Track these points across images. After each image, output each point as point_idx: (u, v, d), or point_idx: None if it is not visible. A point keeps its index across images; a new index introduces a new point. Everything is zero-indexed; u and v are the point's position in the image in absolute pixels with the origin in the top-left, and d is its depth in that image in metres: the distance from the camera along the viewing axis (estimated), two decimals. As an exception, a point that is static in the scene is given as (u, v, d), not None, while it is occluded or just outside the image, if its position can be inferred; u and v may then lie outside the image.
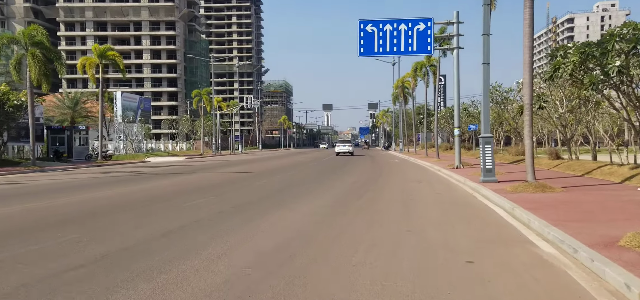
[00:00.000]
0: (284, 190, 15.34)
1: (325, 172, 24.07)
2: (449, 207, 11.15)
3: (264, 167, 28.65)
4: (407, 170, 25.53)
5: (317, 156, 46.15)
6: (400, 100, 60.76)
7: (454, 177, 19.72)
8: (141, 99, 50.83)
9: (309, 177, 21.43)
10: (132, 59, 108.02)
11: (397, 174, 22.47)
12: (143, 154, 47.53)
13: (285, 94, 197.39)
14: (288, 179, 20.25)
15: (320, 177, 21.15)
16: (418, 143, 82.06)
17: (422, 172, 24.15)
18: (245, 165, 30.99)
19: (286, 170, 25.52)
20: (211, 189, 15.97)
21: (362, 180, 19.23)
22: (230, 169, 27.47)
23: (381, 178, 20.17)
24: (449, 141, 53.60)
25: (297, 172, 24.11)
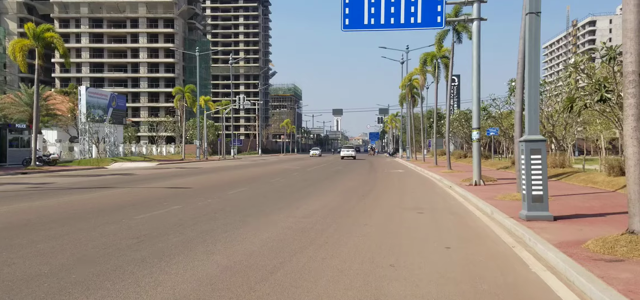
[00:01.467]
0: (184, 229, 8.95)
1: (293, 189, 17.69)
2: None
3: (227, 179, 22.40)
4: (407, 187, 19.02)
5: (306, 165, 39.64)
6: (407, 102, 54.14)
7: (472, 201, 13.19)
8: (113, 96, 44.93)
9: (263, 196, 15.03)
10: (129, 57, 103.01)
11: (391, 194, 16.03)
12: (110, 159, 41.55)
13: (294, 98, 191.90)
14: (231, 199, 13.87)
15: (278, 197, 14.73)
16: (428, 150, 75.28)
17: (428, 190, 17.62)
18: (206, 176, 24.76)
19: (247, 184, 19.19)
20: (83, 219, 9.75)
21: (332, 204, 12.77)
22: (176, 181, 21.19)
23: (365, 201, 13.70)
24: (462, 148, 46.79)
25: (256, 188, 17.69)
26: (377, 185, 19.15)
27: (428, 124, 66.93)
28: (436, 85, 34.14)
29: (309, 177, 23.59)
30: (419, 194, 15.67)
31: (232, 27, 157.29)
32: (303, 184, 19.65)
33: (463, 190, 15.81)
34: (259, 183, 19.72)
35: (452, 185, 18.08)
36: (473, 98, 17.63)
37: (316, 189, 17.33)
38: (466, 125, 38.23)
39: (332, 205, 12.63)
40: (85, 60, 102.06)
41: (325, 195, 15.01)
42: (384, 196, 14.96)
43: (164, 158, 50.04)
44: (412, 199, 14.44)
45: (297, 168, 33.48)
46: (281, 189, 17.18)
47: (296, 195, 14.97)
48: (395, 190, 17.11)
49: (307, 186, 18.19)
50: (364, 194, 15.32)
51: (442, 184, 19.87)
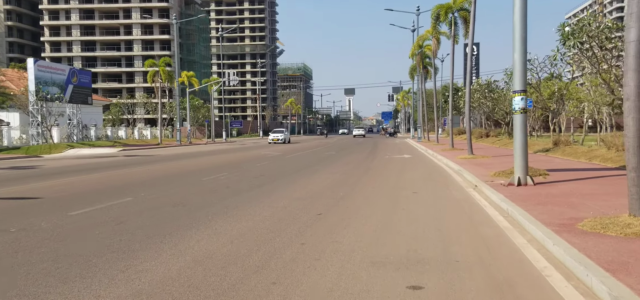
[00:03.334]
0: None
1: (201, 203, 11.07)
2: None
3: (145, 176, 15.94)
4: (405, 186, 12.29)
5: (293, 149, 33.13)
6: (418, 74, 46.89)
7: (537, 236, 6.41)
8: (74, 71, 38.59)
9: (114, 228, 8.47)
10: (122, 35, 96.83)
11: (372, 210, 9.32)
12: (65, 145, 35.40)
13: (304, 77, 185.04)
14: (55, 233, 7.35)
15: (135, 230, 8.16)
16: (443, 129, 67.92)
17: (439, 197, 10.88)
18: (128, 170, 18.37)
19: (147, 189, 12.68)
20: None
21: (248, 245, 6.12)
22: (62, 180, 14.79)
23: (310, 239, 7.01)
24: (483, 126, 39.50)
25: (131, 208, 11.14)
26: (359, 186, 12.38)
27: (443, 100, 59.59)
28: (452, 47, 27.01)
29: (267, 173, 16.94)
30: (422, 208, 8.88)
31: (236, 3, 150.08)
32: (226, 192, 13.01)
33: (501, 196, 9.02)
34: (164, 189, 13.13)
35: (478, 184, 11.30)
36: (515, 42, 10.69)
37: (243, 202, 10.64)
38: (490, 97, 31.18)
39: (247, 247, 5.98)
40: (75, 39, 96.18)
41: (251, 217, 8.34)
42: (357, 216, 8.20)
43: (139, 142, 43.87)
44: (407, 222, 7.65)
45: (275, 155, 26.91)
46: (235, 184, 10.57)
47: (192, 219, 8.33)
48: (383, 197, 10.38)
49: (230, 195, 11.53)
50: (322, 212, 8.56)
51: (461, 180, 13.07)
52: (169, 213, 8.18)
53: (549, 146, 21.77)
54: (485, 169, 14.66)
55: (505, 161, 17.06)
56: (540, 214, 7.09)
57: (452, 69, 26.20)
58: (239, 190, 11.10)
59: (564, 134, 24.78)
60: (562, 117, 34.97)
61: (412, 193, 10.59)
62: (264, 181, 12.92)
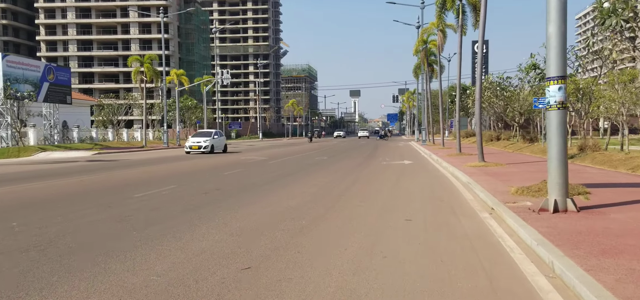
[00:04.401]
0: None
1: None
2: None
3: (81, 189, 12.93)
4: (393, 224, 9.14)
5: (277, 154, 30.12)
6: (423, 73, 43.68)
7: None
8: (49, 68, 35.74)
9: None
10: (119, 34, 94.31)
11: (342, 253, 6.07)
12: (37, 147, 32.64)
13: (309, 78, 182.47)
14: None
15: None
16: (449, 131, 64.58)
17: (442, 231, 7.69)
18: (70, 179, 15.40)
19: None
20: None
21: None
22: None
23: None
24: (492, 128, 36.18)
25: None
26: (336, 207, 9.30)
27: (449, 100, 56.33)
28: (460, 38, 23.79)
29: (227, 185, 13.90)
30: (413, 254, 5.75)
31: (239, 3, 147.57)
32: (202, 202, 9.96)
33: (535, 233, 5.95)
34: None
35: (496, 206, 8.21)
36: (550, 10, 7.50)
37: (149, 239, 7.57)
38: (501, 96, 27.88)
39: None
40: (72, 38, 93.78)
41: (135, 274, 5.26)
42: (308, 273, 5.11)
43: (123, 145, 40.97)
44: (389, 273, 4.56)
45: (257, 160, 23.93)
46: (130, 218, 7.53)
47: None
48: (362, 229, 7.28)
49: (143, 227, 8.47)
50: (255, 264, 5.48)
51: (472, 199, 9.94)
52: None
53: (573, 152, 18.54)
54: (501, 181, 11.51)
55: (526, 171, 13.89)
56: (618, 283, 3.97)
57: (459, 62, 23.02)
58: (165, 215, 8.04)
59: (590, 137, 21.45)
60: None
61: (404, 221, 7.49)
62: (212, 199, 9.86)
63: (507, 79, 27.02)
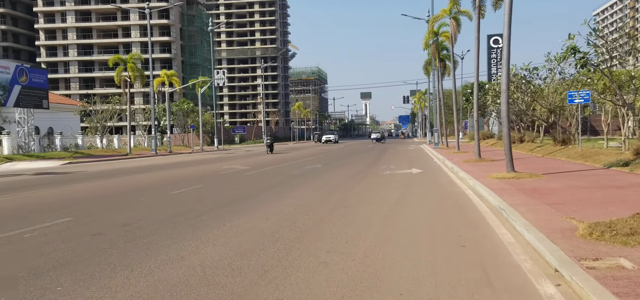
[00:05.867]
0: None
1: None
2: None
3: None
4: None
5: (261, 163, 26.49)
6: (434, 69, 39.74)
7: None
8: (22, 69, 32.51)
9: None
10: (120, 37, 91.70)
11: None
12: (2, 157, 29.49)
13: (319, 81, 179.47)
14: None
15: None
16: (464, 132, 60.38)
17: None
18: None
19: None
20: None
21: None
22: None
23: None
24: (519, 130, 32.01)
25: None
26: (291, 256, 5.53)
27: (464, 98, 52.25)
28: (477, 22, 19.86)
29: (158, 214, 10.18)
30: None
31: (247, 6, 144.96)
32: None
33: None
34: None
35: (568, 270, 4.41)
36: None
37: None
38: (527, 90, 23.76)
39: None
40: (72, 42, 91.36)
41: None
42: None
43: (107, 152, 37.67)
44: None
45: (238, 169, 20.38)
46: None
47: None
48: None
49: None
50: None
51: (515, 244, 6.12)
52: None
53: (628, 157, 14.56)
54: (551, 206, 7.69)
55: (576, 186, 10.03)
56: None
57: (477, 49, 19.06)
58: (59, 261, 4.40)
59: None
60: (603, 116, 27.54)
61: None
62: (91, 250, 6.21)
63: (534, 70, 23.01)
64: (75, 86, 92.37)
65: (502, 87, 13.05)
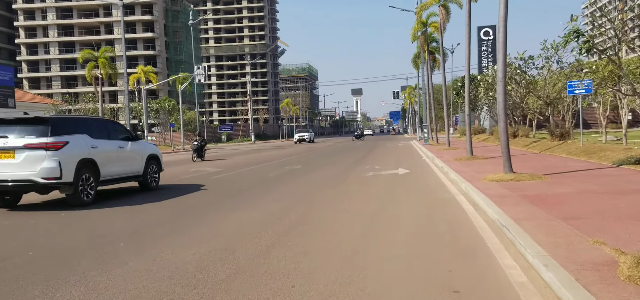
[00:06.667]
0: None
1: None
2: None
3: None
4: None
5: (234, 165, 24.57)
6: (423, 62, 38.07)
7: None
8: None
9: None
10: (102, 34, 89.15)
11: None
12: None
13: (309, 78, 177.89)
14: None
15: None
16: (455, 128, 58.86)
17: None
18: None
19: None
20: None
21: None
22: None
23: None
24: (512, 124, 30.39)
25: None
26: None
27: (454, 92, 50.70)
28: (469, 8, 18.10)
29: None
30: None
31: (234, 2, 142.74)
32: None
33: None
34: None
35: None
36: None
37: None
38: (521, 82, 22.08)
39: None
40: (53, 40, 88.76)
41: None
42: None
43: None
44: None
45: (206, 173, 18.54)
46: None
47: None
48: None
49: None
50: None
51: (526, 284, 4.29)
52: None
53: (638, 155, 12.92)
54: (566, 221, 5.97)
55: (587, 191, 8.35)
56: None
57: (468, 36, 17.29)
58: None
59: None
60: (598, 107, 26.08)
61: None
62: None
63: (530, 59, 21.31)
64: (57, 85, 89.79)
65: (498, 75, 11.31)
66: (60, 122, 9.68)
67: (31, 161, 8.64)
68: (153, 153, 12.16)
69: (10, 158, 8.63)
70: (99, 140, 10.05)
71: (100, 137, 10.19)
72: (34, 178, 8.61)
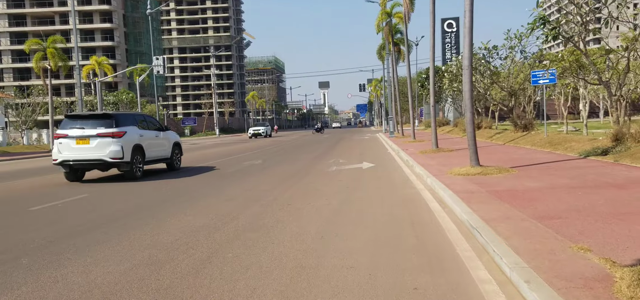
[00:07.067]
0: None
1: None
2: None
3: None
4: None
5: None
6: (389, 54, 37.61)
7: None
8: None
9: None
10: (57, 25, 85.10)
11: None
12: None
13: (276, 71, 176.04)
14: None
15: None
16: (420, 120, 58.99)
17: None
18: None
19: None
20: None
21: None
22: None
23: None
24: (476, 116, 30.26)
25: None
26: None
27: (419, 84, 50.66)
28: (432, 3, 17.48)
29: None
30: None
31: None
32: None
33: None
34: None
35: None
36: None
37: None
38: (486, 72, 21.80)
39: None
40: (3, 30, 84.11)
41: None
42: None
43: (30, 149, 33.37)
44: None
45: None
46: None
47: None
48: None
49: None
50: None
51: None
52: None
53: (605, 144, 12.64)
54: (542, 221, 5.35)
55: (558, 186, 7.84)
56: None
57: (432, 20, 16.67)
58: None
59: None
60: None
61: None
62: None
63: (494, 49, 20.97)
64: (8, 77, 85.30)
65: (464, 63, 10.69)
66: (121, 116, 12.75)
67: (102, 146, 11.87)
68: (177, 141, 15.21)
69: (87, 144, 11.92)
70: (143, 130, 13.13)
71: (143, 127, 13.23)
72: (104, 158, 11.87)
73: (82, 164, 12.01)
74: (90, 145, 11.84)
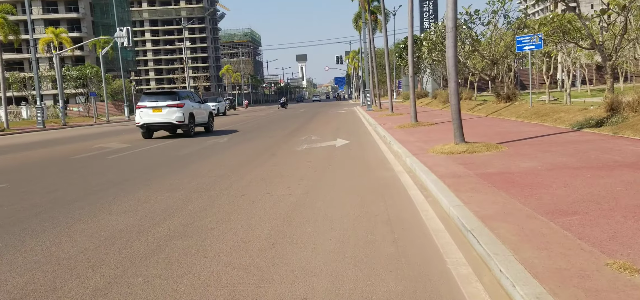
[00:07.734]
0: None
1: None
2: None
3: None
4: None
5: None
6: (365, 24, 36.05)
7: None
8: None
9: None
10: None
11: None
12: None
13: (252, 44, 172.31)
14: None
15: None
16: (398, 92, 57.89)
17: None
18: None
19: None
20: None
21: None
22: None
23: None
24: (443, 86, 29.18)
25: None
26: None
27: (397, 54, 49.36)
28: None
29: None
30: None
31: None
32: None
33: None
34: None
35: None
36: None
37: None
38: (466, 39, 20.53)
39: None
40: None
41: None
42: None
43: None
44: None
45: (117, 148, 15.82)
46: None
47: None
48: None
49: None
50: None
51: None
52: None
53: (600, 115, 11.58)
54: (554, 217, 4.11)
55: (564, 164, 6.63)
56: None
57: (410, 5, 15.23)
58: None
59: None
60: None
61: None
62: None
63: (476, 13, 19.61)
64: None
65: (448, 25, 9.35)
66: (182, 92, 17.77)
67: (170, 113, 16.76)
68: (211, 111, 20.21)
69: (159, 112, 16.79)
70: (192, 102, 18.06)
71: (192, 101, 18.14)
72: (172, 121, 16.79)
73: (156, 125, 16.96)
74: (162, 113, 16.76)
